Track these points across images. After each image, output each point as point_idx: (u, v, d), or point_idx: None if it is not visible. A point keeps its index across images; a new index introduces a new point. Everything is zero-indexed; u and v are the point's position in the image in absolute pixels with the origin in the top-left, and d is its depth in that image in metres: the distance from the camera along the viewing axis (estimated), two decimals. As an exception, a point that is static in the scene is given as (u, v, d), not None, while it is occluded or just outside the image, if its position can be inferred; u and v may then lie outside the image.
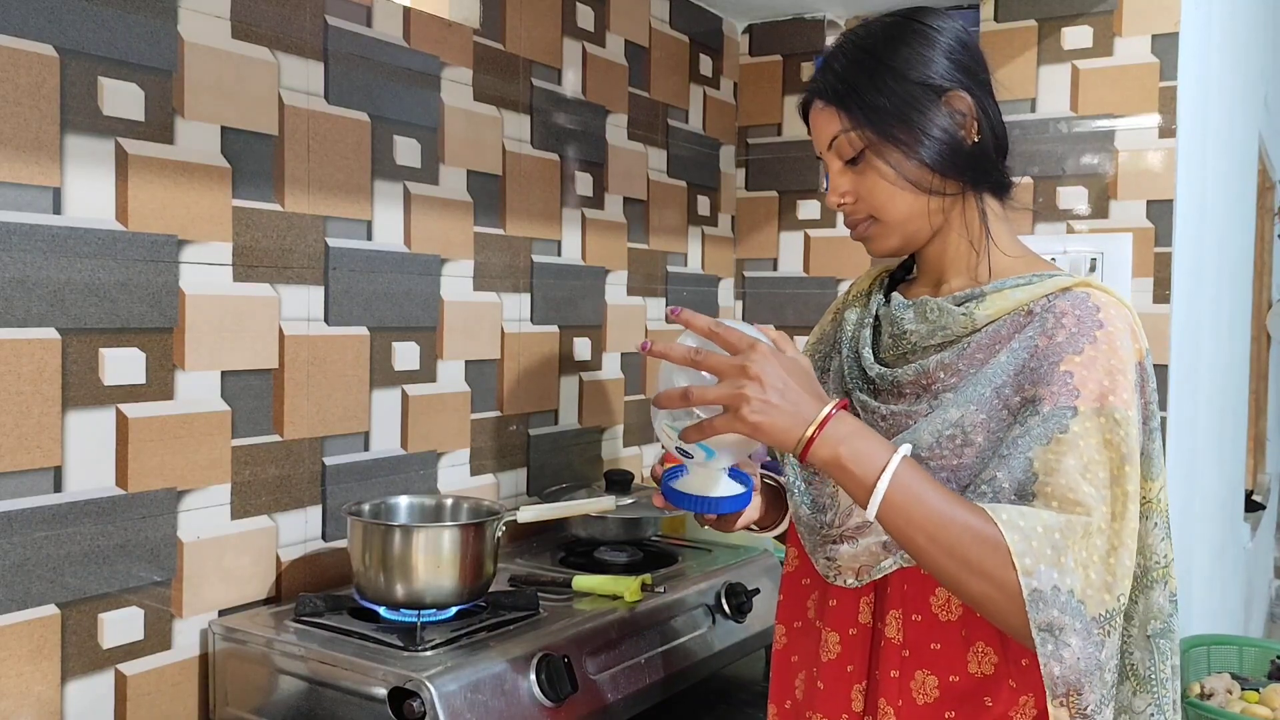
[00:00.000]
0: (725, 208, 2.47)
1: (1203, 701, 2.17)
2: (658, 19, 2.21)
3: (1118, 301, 1.05)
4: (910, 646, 1.07)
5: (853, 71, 1.10)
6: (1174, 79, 1.98)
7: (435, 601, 1.33)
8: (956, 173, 1.08)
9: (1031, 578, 0.91)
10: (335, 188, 1.51)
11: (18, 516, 1.16)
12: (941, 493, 0.94)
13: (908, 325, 1.11)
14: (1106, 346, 1.00)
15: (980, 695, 1.04)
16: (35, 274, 1.16)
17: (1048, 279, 1.07)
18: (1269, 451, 4.98)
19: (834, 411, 0.95)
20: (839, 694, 1.11)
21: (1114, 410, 0.97)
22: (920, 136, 1.07)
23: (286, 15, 1.43)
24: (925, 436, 1.03)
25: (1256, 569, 4.55)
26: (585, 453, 2.04)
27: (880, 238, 1.13)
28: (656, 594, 1.50)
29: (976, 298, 1.08)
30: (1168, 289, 1.99)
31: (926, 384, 1.08)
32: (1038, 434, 0.98)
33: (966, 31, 1.13)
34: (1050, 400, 0.98)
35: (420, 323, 1.66)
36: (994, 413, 1.01)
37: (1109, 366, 0.99)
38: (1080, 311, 1.02)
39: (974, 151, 1.09)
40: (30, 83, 1.16)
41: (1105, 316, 1.02)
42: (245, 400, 1.40)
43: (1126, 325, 1.03)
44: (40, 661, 1.19)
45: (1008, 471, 0.98)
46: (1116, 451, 0.97)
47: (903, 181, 1.08)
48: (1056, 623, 0.92)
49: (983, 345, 1.06)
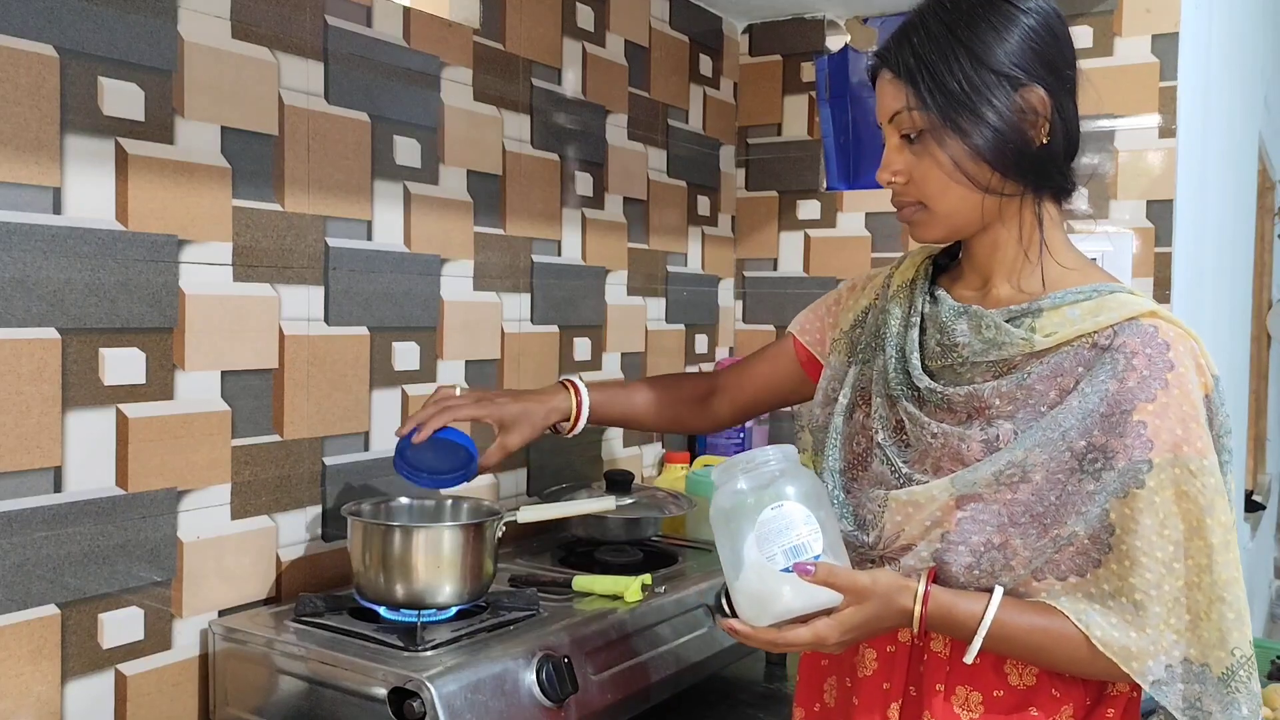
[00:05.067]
0: (725, 208, 2.47)
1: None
2: (658, 19, 2.21)
3: (1184, 334, 1.01)
4: (952, 663, 1.06)
5: (928, 46, 1.03)
6: (1174, 79, 1.98)
7: (435, 601, 1.33)
8: (1018, 174, 1.03)
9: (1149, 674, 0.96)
10: (335, 188, 1.51)
11: (18, 516, 1.16)
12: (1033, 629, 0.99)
13: (959, 338, 1.06)
14: (1179, 391, 0.97)
15: (1026, 706, 1.04)
16: (35, 274, 1.16)
17: (1108, 296, 1.03)
18: (1269, 451, 4.98)
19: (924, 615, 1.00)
20: (874, 710, 1.09)
21: (1188, 461, 0.96)
22: (986, 130, 1.01)
23: (286, 15, 1.43)
24: (985, 474, 1.01)
25: (1256, 569, 4.55)
26: (585, 453, 2.04)
27: (925, 225, 1.09)
28: (657, 594, 1.50)
29: (1033, 313, 1.04)
30: (1168, 289, 1.99)
31: (980, 407, 1.04)
32: (1114, 488, 0.97)
33: (1059, 18, 1.05)
34: (1124, 454, 0.97)
35: (420, 323, 1.66)
36: (1057, 454, 1.00)
37: (1182, 414, 0.97)
38: (1151, 350, 0.99)
39: (1041, 154, 1.03)
40: (30, 83, 1.16)
41: (1175, 355, 0.99)
42: (245, 400, 1.40)
43: (1194, 360, 1.00)
44: (40, 661, 1.19)
45: (1085, 525, 0.98)
46: (1195, 504, 0.96)
47: (958, 174, 1.03)
48: (1189, 695, 0.95)
49: (1044, 378, 1.02)
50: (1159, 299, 1.98)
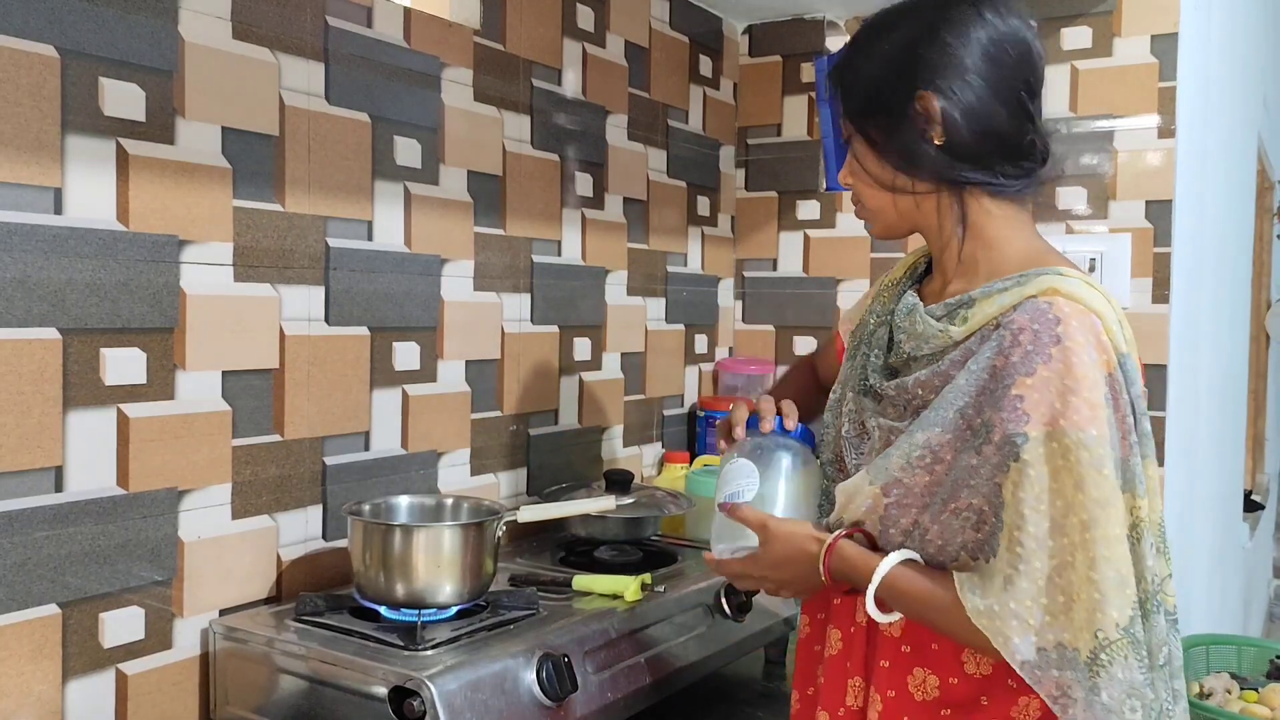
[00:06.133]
0: (725, 208, 2.47)
1: (1202, 701, 2.17)
2: (658, 19, 2.21)
3: (1084, 310, 0.99)
4: (910, 643, 1.08)
5: (853, 53, 1.09)
6: (1173, 79, 1.98)
7: (435, 601, 1.33)
8: (923, 174, 1.07)
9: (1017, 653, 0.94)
10: (336, 188, 1.51)
11: (19, 516, 1.16)
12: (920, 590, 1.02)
13: (899, 335, 1.10)
14: (1062, 365, 0.96)
15: (978, 696, 1.05)
16: (36, 274, 1.17)
17: (1033, 280, 1.03)
18: (1268, 451, 4.99)
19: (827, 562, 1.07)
20: (838, 688, 1.14)
21: (1065, 434, 0.94)
22: (886, 134, 1.06)
23: (287, 16, 1.44)
24: (896, 461, 1.04)
25: (1255, 569, 4.55)
26: (585, 453, 2.04)
27: (869, 224, 1.15)
28: (656, 594, 1.51)
29: (966, 304, 1.05)
30: (1167, 289, 1.99)
31: (909, 400, 1.07)
32: (995, 462, 0.98)
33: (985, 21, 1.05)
34: (1000, 427, 0.97)
35: (420, 323, 1.66)
36: (959, 433, 1.01)
37: (1063, 388, 0.95)
38: (1039, 326, 0.98)
39: (938, 154, 1.05)
40: (31, 83, 1.16)
41: (1065, 330, 0.97)
42: (246, 400, 1.40)
43: (1091, 335, 0.98)
44: (41, 661, 1.19)
45: (983, 498, 0.99)
46: (1069, 478, 0.94)
47: (865, 176, 1.10)
48: (1061, 682, 0.93)
49: (956, 362, 1.04)
50: (1158, 299, 1.99)
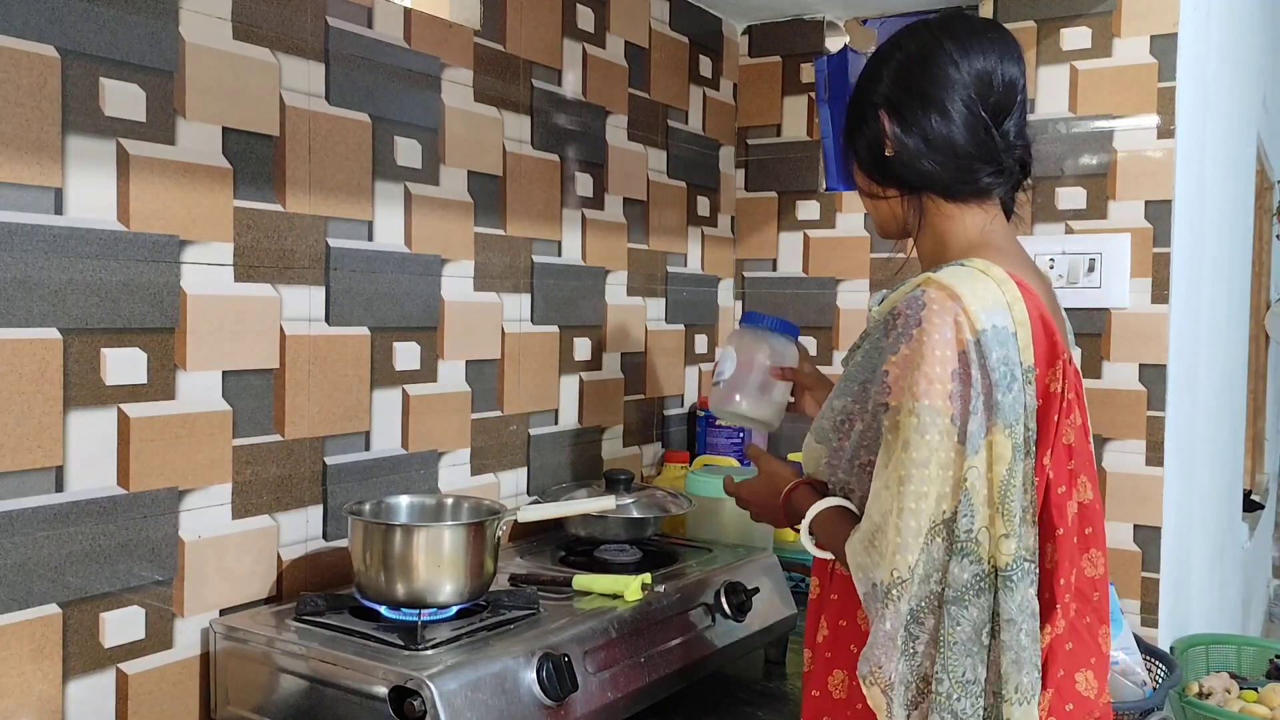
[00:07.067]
0: (725, 208, 2.47)
1: (1201, 701, 2.17)
2: (657, 20, 2.21)
3: (947, 295, 1.09)
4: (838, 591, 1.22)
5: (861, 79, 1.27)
6: (1172, 79, 1.99)
7: (436, 600, 1.33)
8: (887, 181, 1.24)
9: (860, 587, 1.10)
10: (336, 188, 1.51)
11: (19, 516, 1.16)
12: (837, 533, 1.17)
13: None
14: (918, 344, 1.08)
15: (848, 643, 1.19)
16: (37, 274, 1.17)
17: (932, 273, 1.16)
18: (1267, 451, 4.99)
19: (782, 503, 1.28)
20: (812, 627, 1.27)
21: (904, 403, 1.08)
22: (859, 147, 1.26)
23: (287, 16, 1.44)
24: (825, 423, 1.20)
25: (1255, 569, 4.56)
26: (585, 453, 2.04)
27: None
28: (656, 593, 1.51)
29: (890, 293, 1.19)
30: (1166, 289, 1.99)
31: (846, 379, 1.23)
32: (876, 428, 1.13)
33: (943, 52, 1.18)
34: (875, 398, 1.13)
35: (421, 323, 1.66)
36: (861, 401, 1.16)
37: (914, 363, 1.08)
38: (910, 311, 1.10)
39: (889, 163, 1.22)
40: (31, 83, 1.16)
41: (926, 314, 1.08)
42: (246, 400, 1.40)
43: (950, 317, 1.08)
44: (42, 661, 1.19)
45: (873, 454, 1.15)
46: (900, 438, 1.08)
47: (851, 183, 1.31)
48: (874, 610, 1.08)
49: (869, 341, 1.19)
50: (1157, 299, 1.99)
